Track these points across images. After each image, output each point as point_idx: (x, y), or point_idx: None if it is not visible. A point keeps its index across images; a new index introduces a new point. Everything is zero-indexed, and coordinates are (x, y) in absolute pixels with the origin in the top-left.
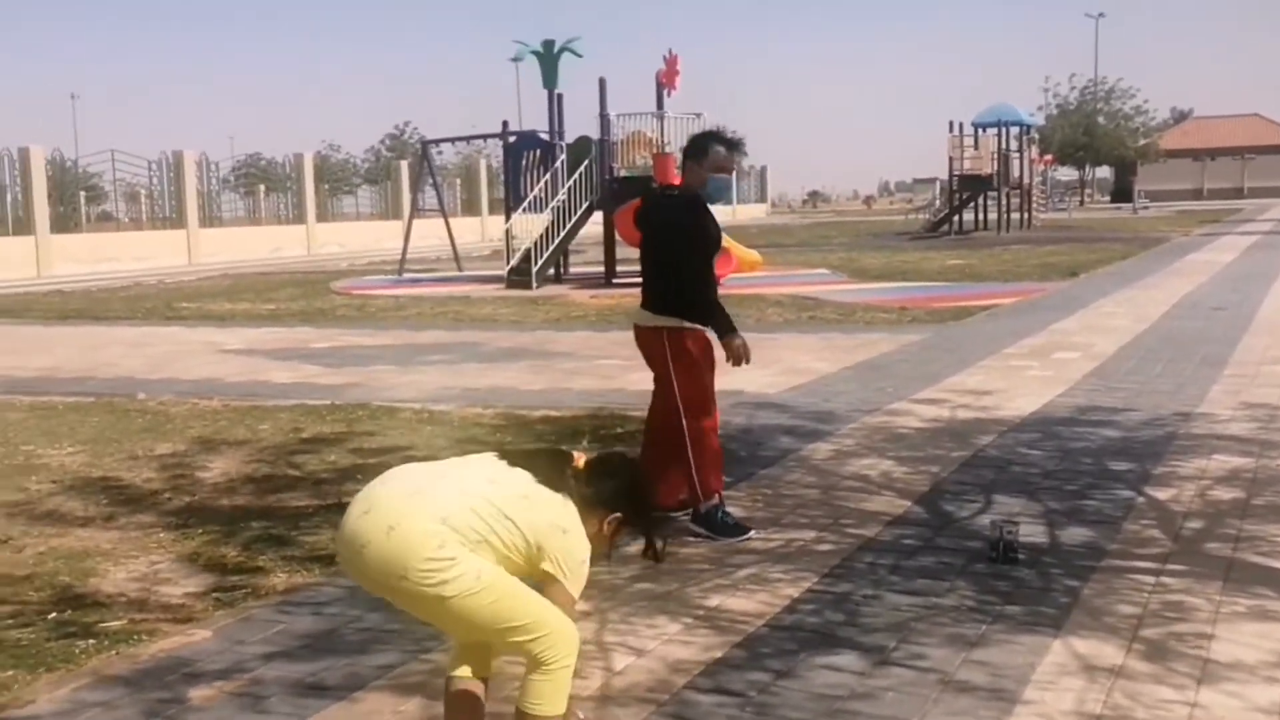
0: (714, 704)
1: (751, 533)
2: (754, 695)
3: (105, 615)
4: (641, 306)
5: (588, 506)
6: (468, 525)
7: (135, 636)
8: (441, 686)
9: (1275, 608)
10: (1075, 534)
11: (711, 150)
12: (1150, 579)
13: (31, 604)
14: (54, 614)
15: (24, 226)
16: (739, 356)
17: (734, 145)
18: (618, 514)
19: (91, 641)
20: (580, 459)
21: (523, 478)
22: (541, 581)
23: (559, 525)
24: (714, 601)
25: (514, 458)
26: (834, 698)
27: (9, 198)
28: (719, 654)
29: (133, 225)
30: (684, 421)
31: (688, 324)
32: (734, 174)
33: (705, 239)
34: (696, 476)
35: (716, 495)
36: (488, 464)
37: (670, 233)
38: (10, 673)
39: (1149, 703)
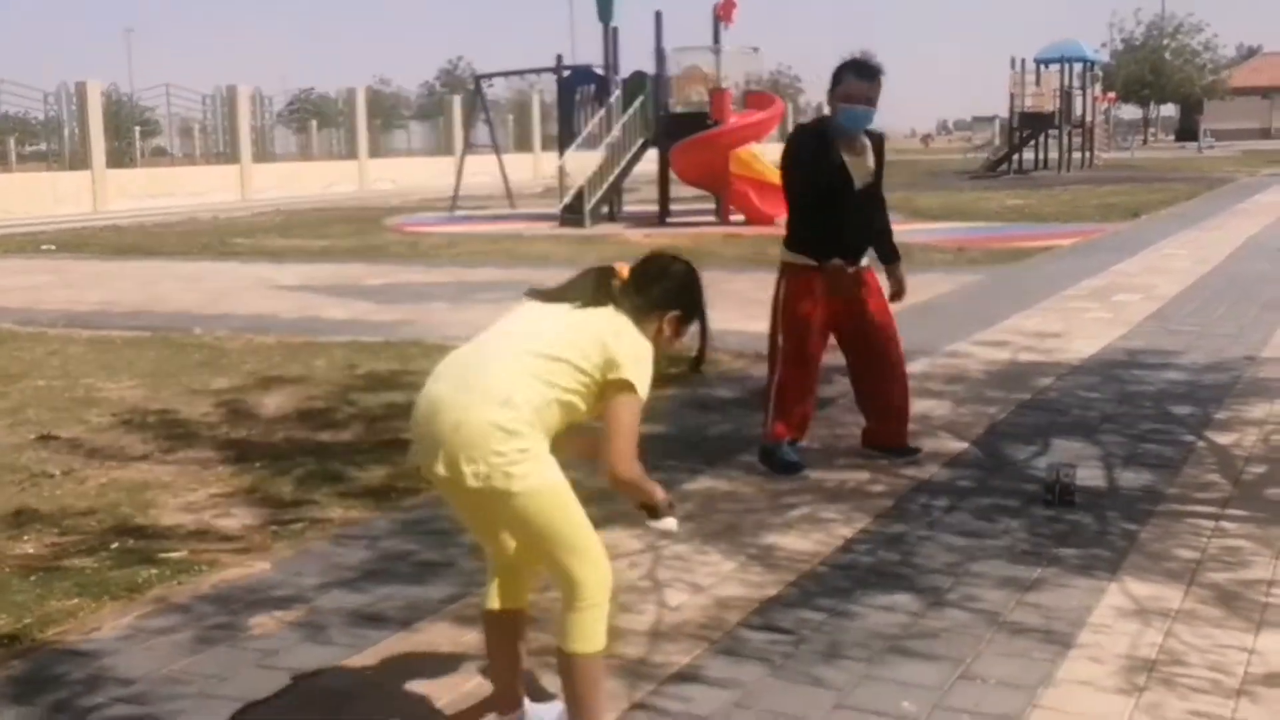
0: (766, 640)
1: (803, 470)
2: (807, 633)
3: (166, 546)
4: None
5: (641, 313)
6: (527, 398)
7: (196, 566)
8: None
9: None
10: (1133, 478)
11: (843, 80)
12: (1210, 524)
13: (95, 534)
14: (116, 544)
15: (80, 161)
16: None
17: (867, 73)
18: (675, 311)
19: (154, 571)
20: (624, 269)
21: (562, 311)
22: (609, 400)
23: (608, 332)
24: (768, 540)
25: (550, 294)
26: (888, 636)
27: (66, 132)
28: (772, 592)
29: (186, 160)
30: (775, 358)
31: (792, 259)
32: (872, 105)
33: (797, 178)
34: (768, 415)
35: (781, 437)
36: (528, 316)
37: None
38: (76, 600)
39: (1204, 647)
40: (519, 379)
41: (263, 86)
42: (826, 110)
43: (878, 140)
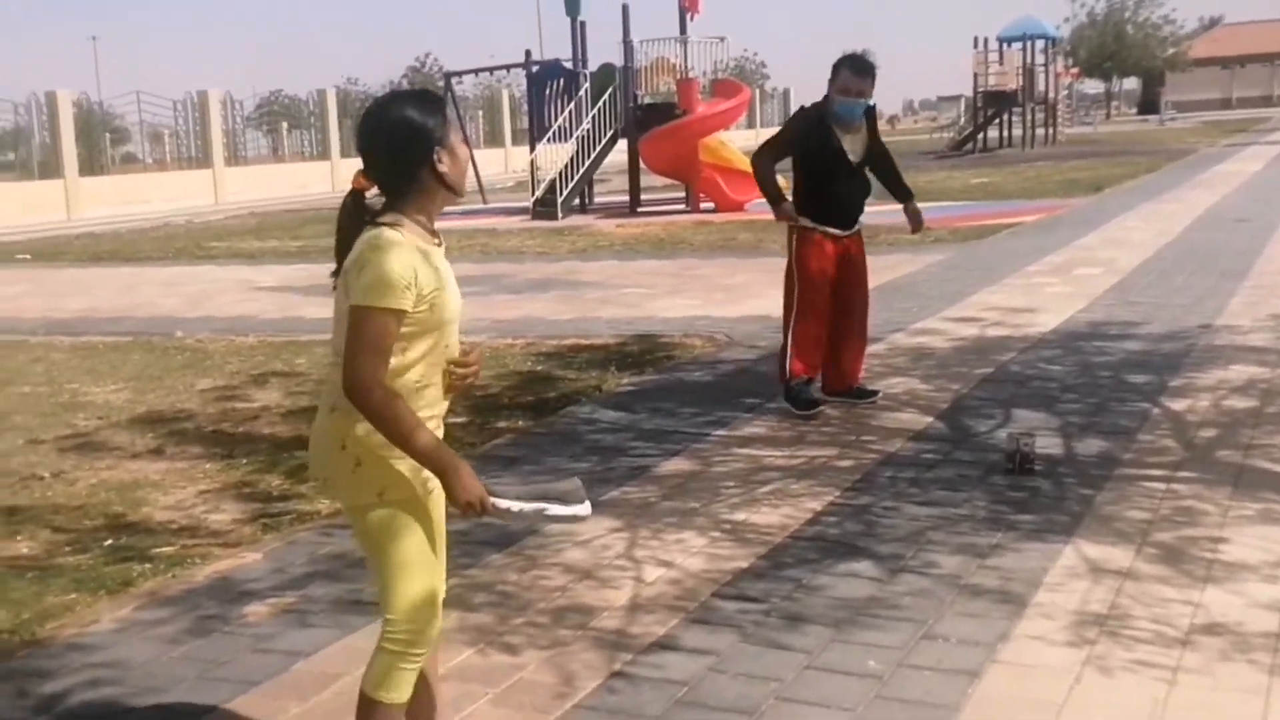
0: (738, 610)
1: (820, 407)
2: (776, 601)
3: (158, 541)
4: None
5: (403, 189)
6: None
7: (188, 560)
8: (474, 602)
9: None
10: (1091, 445)
11: (839, 74)
12: (1162, 486)
13: (87, 532)
14: (109, 541)
15: (50, 170)
16: (788, 218)
17: (861, 69)
18: (433, 150)
19: (147, 565)
20: (358, 177)
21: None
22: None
23: (356, 266)
24: (739, 516)
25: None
26: (854, 602)
27: (36, 141)
28: (744, 564)
29: (158, 166)
30: (790, 311)
31: (801, 223)
32: (866, 97)
33: (781, 143)
34: (785, 358)
35: (799, 375)
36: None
37: None
38: (73, 595)
39: (1151, 602)
40: (335, 376)
41: (232, 90)
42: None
43: (869, 113)
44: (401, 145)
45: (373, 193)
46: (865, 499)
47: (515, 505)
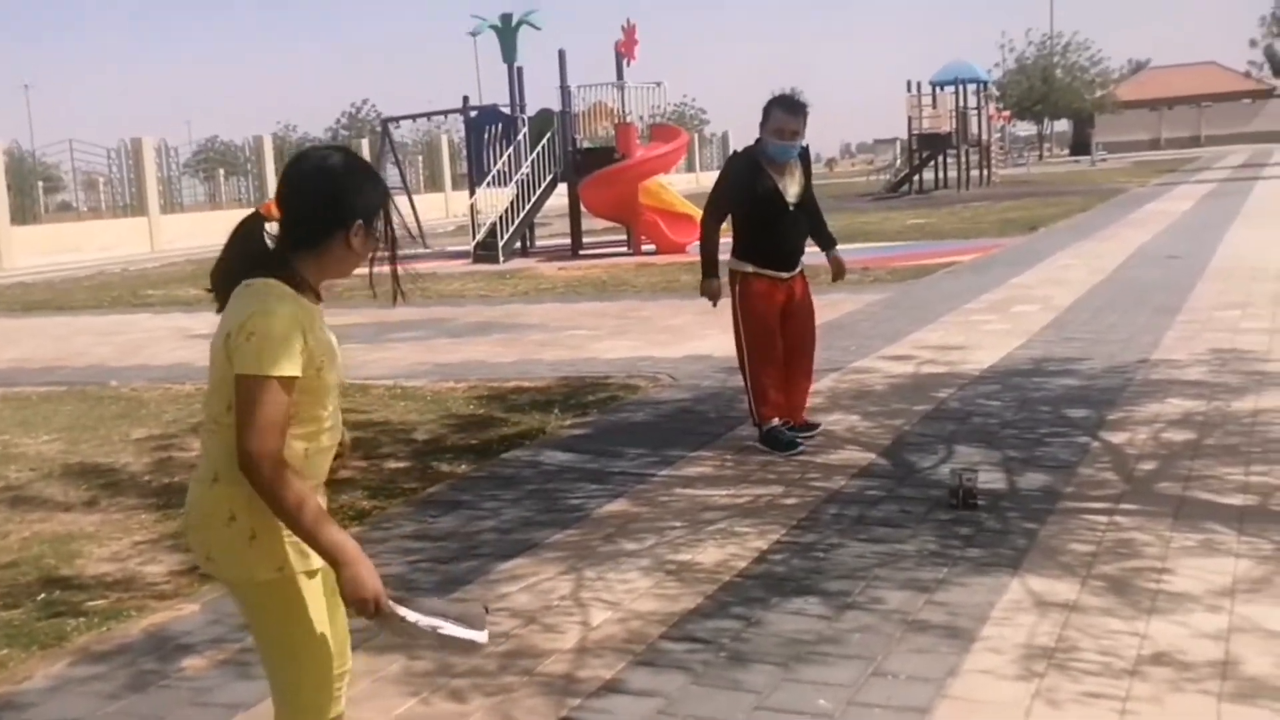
0: (686, 650)
1: (802, 446)
2: (725, 641)
3: (93, 594)
4: None
5: (310, 244)
6: (223, 452)
7: (124, 613)
8: (416, 648)
9: (1222, 541)
10: (1033, 479)
11: (771, 115)
12: (1104, 519)
13: (20, 586)
14: (42, 595)
15: None
16: (709, 296)
17: (793, 108)
18: (354, 220)
19: (81, 620)
20: (272, 205)
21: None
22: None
23: (229, 320)
24: (685, 556)
25: (217, 288)
26: (802, 642)
27: None
28: (690, 604)
29: (92, 214)
30: (745, 358)
31: (739, 267)
32: (798, 137)
33: (722, 194)
34: (752, 403)
35: (772, 420)
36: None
37: None
38: (4, 651)
39: (1098, 634)
40: (216, 443)
41: (168, 138)
42: (749, 140)
43: (804, 154)
44: (328, 202)
45: (274, 227)
46: (811, 536)
47: (410, 615)
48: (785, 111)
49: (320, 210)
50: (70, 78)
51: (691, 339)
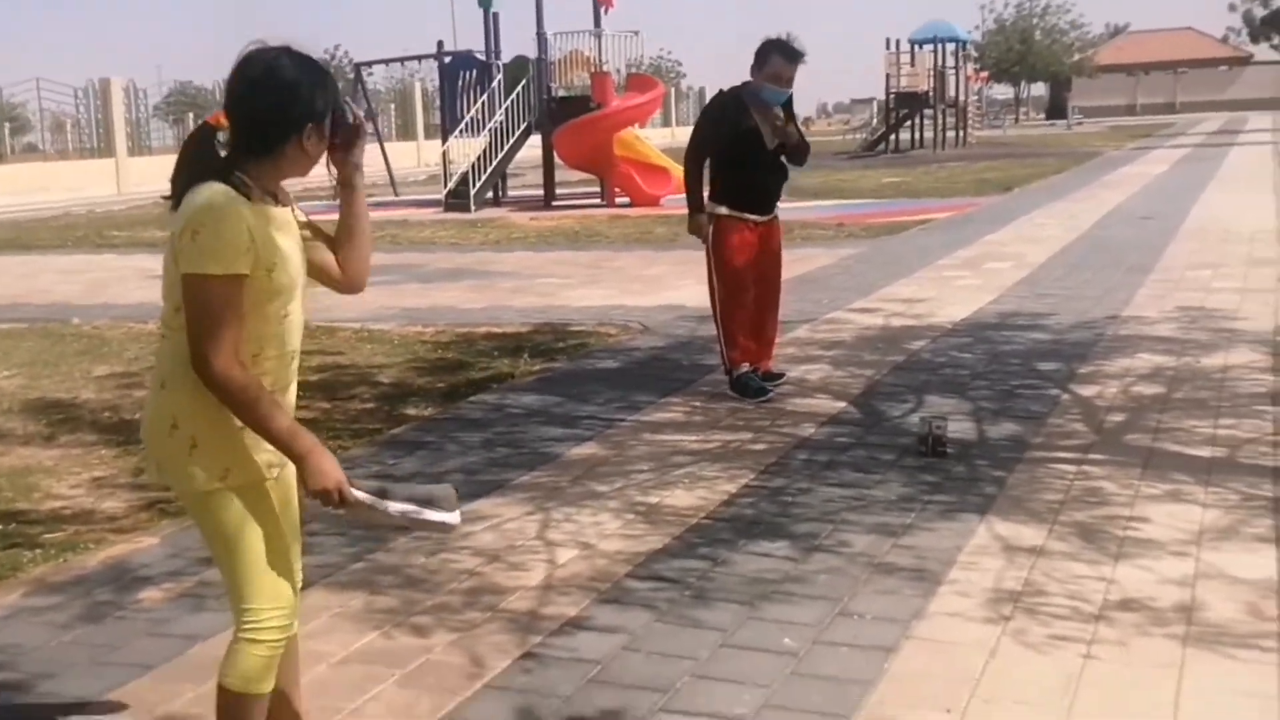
0: (652, 589)
1: (770, 394)
2: (691, 580)
3: (50, 528)
4: None
5: (263, 151)
6: (179, 370)
7: (81, 546)
8: (380, 584)
9: (1189, 491)
10: (1003, 429)
11: (770, 60)
12: (1072, 468)
13: None
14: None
15: None
16: (697, 233)
17: (792, 56)
18: (306, 123)
19: (37, 551)
20: (218, 114)
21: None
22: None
23: (178, 221)
24: (653, 499)
25: (175, 197)
26: (767, 581)
27: None
28: (657, 545)
29: (59, 155)
30: (716, 301)
31: (716, 210)
32: (791, 84)
33: (704, 129)
34: (723, 348)
35: (742, 365)
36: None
37: None
38: None
39: (1064, 578)
40: (165, 349)
41: (137, 80)
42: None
43: (787, 103)
44: (276, 107)
45: (225, 134)
46: (779, 481)
47: (378, 501)
48: (783, 57)
49: (272, 116)
50: (39, 15)
51: (666, 289)
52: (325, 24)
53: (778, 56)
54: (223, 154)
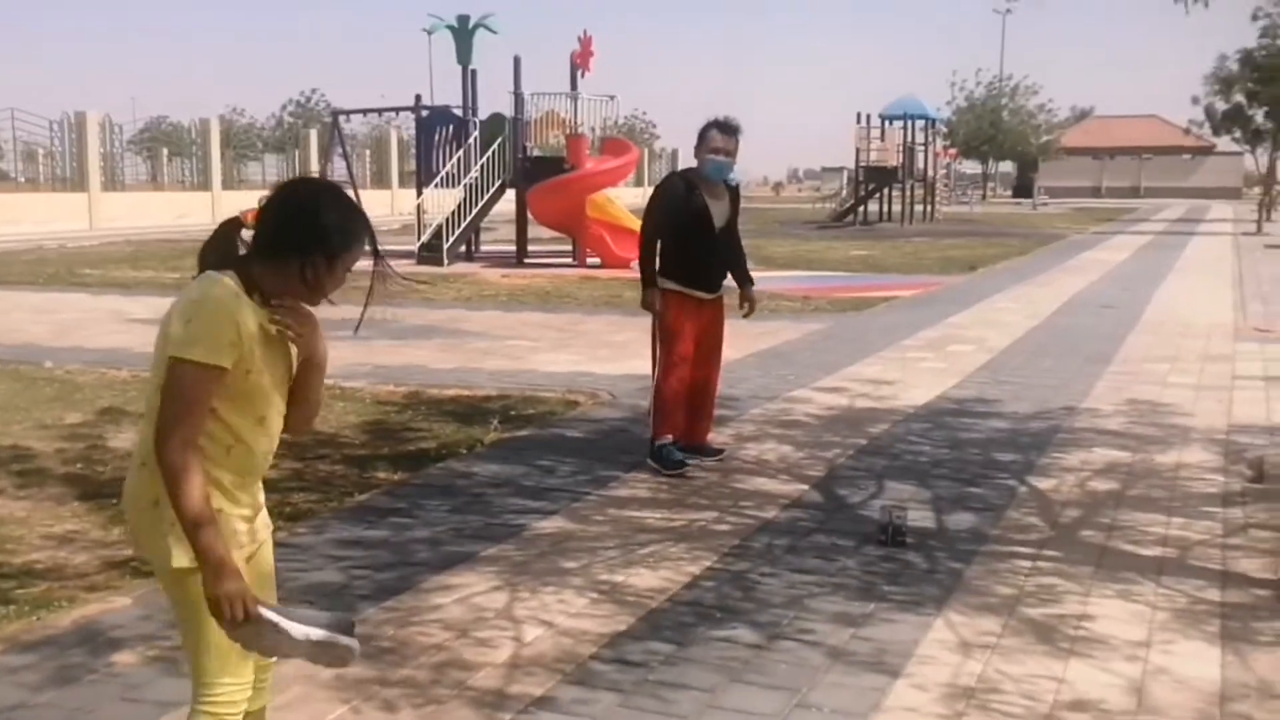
0: (617, 672)
1: (687, 467)
2: (655, 665)
3: (22, 583)
4: None
5: (275, 264)
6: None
7: (54, 604)
8: (361, 652)
9: (1141, 591)
10: (961, 520)
11: (708, 135)
12: (1028, 563)
13: None
14: None
15: None
16: (650, 309)
17: (727, 129)
18: (316, 255)
19: (10, 608)
20: (252, 214)
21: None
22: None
23: (174, 307)
24: (619, 578)
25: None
26: (731, 668)
27: None
28: (622, 627)
29: (30, 186)
30: (657, 374)
31: (664, 285)
32: (731, 157)
33: (656, 210)
34: (653, 418)
35: (666, 437)
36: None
37: None
38: None
39: (1017, 676)
40: (146, 430)
41: (115, 115)
42: (693, 162)
43: (734, 189)
44: (295, 226)
45: (248, 234)
46: (742, 565)
47: (283, 622)
48: (720, 131)
49: (283, 227)
50: (14, 47)
51: (632, 356)
52: (304, 68)
53: (714, 131)
54: (241, 251)
